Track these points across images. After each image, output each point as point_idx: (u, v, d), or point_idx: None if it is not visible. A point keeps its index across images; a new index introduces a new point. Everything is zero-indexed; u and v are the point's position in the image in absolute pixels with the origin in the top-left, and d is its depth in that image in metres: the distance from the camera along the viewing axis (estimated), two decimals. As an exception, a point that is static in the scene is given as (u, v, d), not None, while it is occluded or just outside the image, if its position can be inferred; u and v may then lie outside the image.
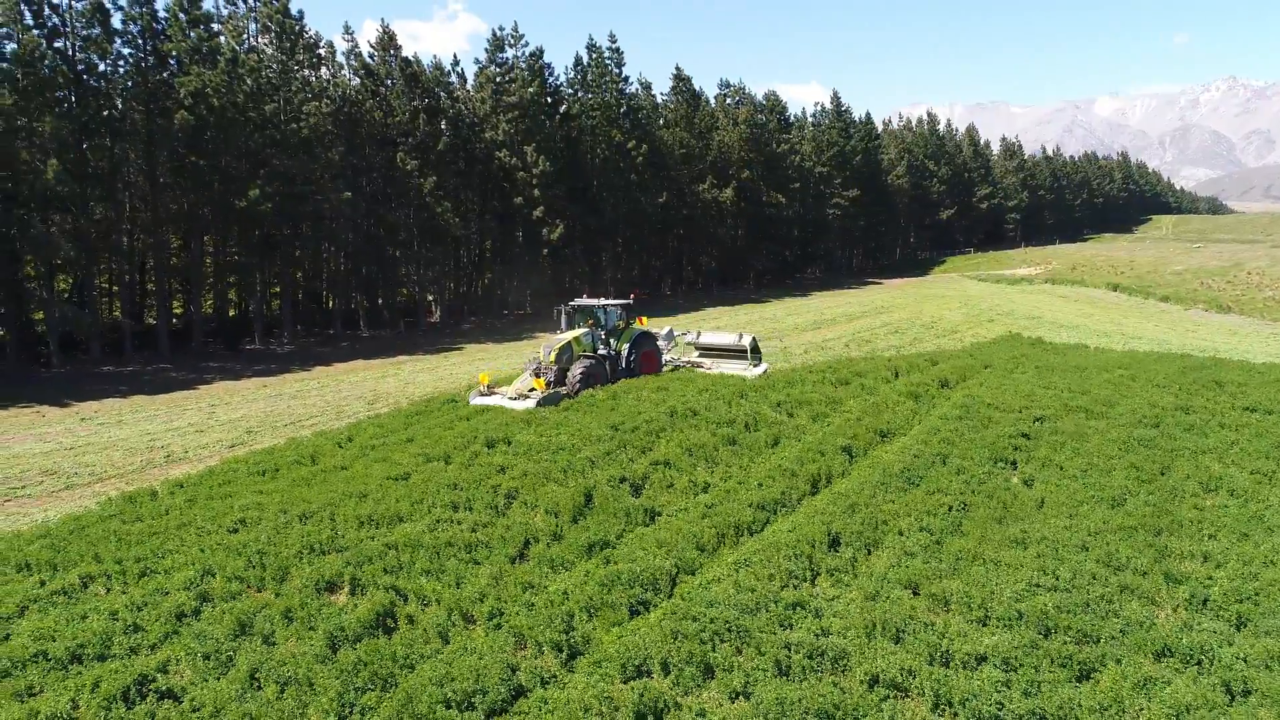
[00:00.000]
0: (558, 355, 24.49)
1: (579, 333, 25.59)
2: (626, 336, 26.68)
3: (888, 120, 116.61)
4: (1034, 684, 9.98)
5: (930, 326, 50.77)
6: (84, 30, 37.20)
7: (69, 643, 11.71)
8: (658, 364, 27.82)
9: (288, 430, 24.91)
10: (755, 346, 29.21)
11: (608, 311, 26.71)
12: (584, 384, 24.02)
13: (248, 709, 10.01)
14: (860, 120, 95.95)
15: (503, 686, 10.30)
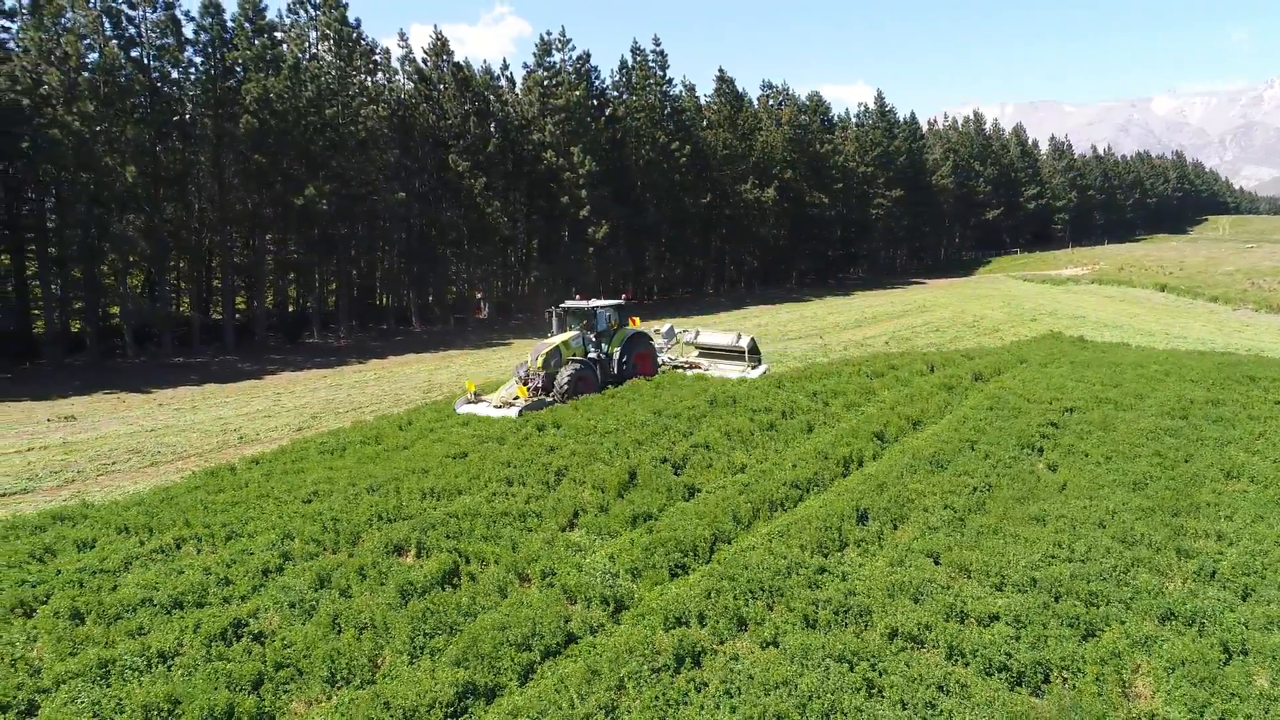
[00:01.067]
0: (545, 361, 23.79)
1: (568, 336, 24.85)
2: (619, 338, 25.79)
3: (933, 120, 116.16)
4: (1041, 638, 10.90)
5: (972, 325, 50.99)
6: (158, 40, 39.50)
7: (170, 592, 13.17)
8: (653, 365, 26.92)
9: (350, 415, 26.47)
10: (754, 348, 28.24)
11: (597, 313, 25.72)
12: (572, 390, 23.28)
13: (331, 648, 11.29)
14: (904, 120, 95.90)
15: (556, 633, 11.50)
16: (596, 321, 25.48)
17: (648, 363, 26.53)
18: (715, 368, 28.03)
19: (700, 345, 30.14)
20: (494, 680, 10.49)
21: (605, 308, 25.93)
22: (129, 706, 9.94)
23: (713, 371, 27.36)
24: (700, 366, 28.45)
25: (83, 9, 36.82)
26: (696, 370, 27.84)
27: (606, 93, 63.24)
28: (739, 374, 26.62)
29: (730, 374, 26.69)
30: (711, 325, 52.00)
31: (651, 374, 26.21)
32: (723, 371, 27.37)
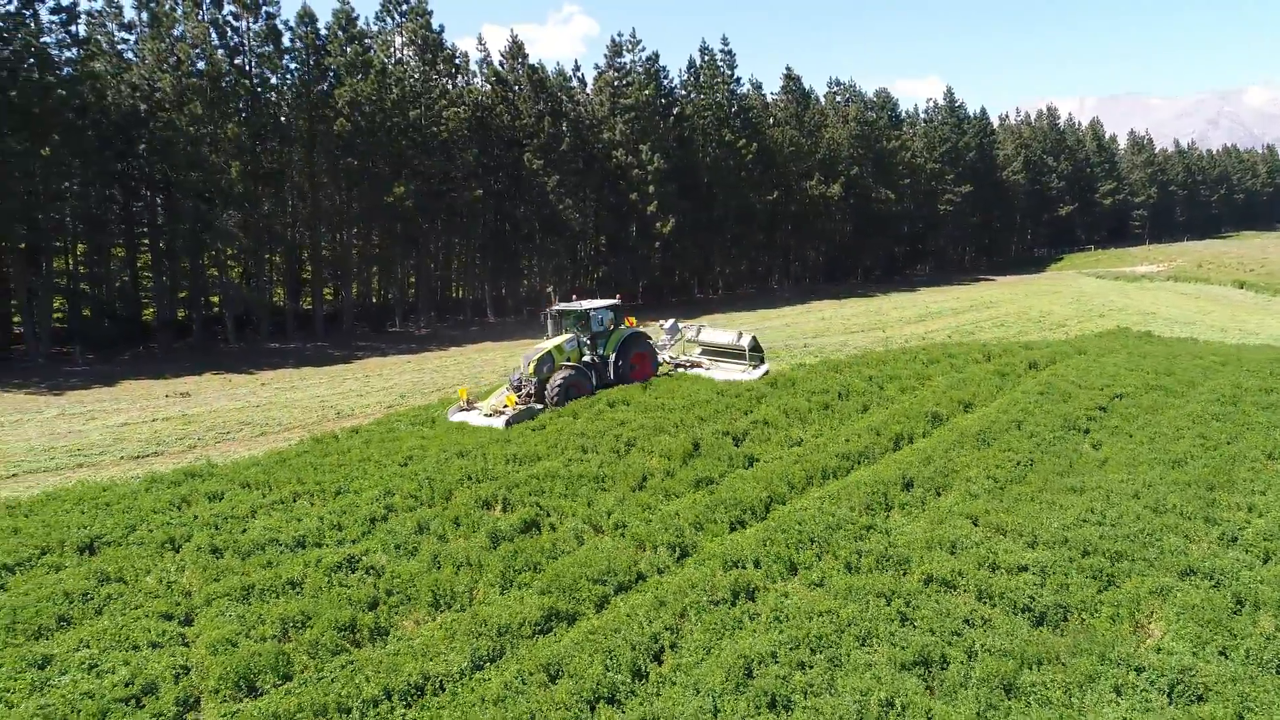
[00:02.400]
0: (536, 367, 23.18)
1: (561, 340, 24.19)
2: (614, 340, 24.95)
3: (1004, 115, 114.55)
4: (1064, 586, 12.09)
5: (1038, 321, 50.96)
6: (259, 48, 42.49)
7: (292, 534, 15.22)
8: (652, 366, 25.97)
9: (435, 395, 28.56)
10: (755, 346, 26.58)
11: (590, 315, 24.77)
12: (563, 397, 22.71)
13: (433, 580, 13.11)
14: (974, 116, 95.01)
15: (628, 572, 13.14)
16: (590, 324, 24.67)
17: (646, 363, 25.68)
18: (717, 368, 26.76)
19: (701, 343, 28.79)
20: (574, 608, 12.16)
21: (599, 309, 24.96)
22: (268, 619, 11.87)
23: (713, 372, 26.06)
24: (701, 366, 27.24)
25: (193, 21, 39.99)
26: (695, 371, 26.77)
27: (675, 92, 64.76)
28: (739, 375, 25.44)
29: (730, 375, 25.50)
30: (774, 319, 53.09)
31: (651, 375, 25.55)
32: (723, 372, 26.08)
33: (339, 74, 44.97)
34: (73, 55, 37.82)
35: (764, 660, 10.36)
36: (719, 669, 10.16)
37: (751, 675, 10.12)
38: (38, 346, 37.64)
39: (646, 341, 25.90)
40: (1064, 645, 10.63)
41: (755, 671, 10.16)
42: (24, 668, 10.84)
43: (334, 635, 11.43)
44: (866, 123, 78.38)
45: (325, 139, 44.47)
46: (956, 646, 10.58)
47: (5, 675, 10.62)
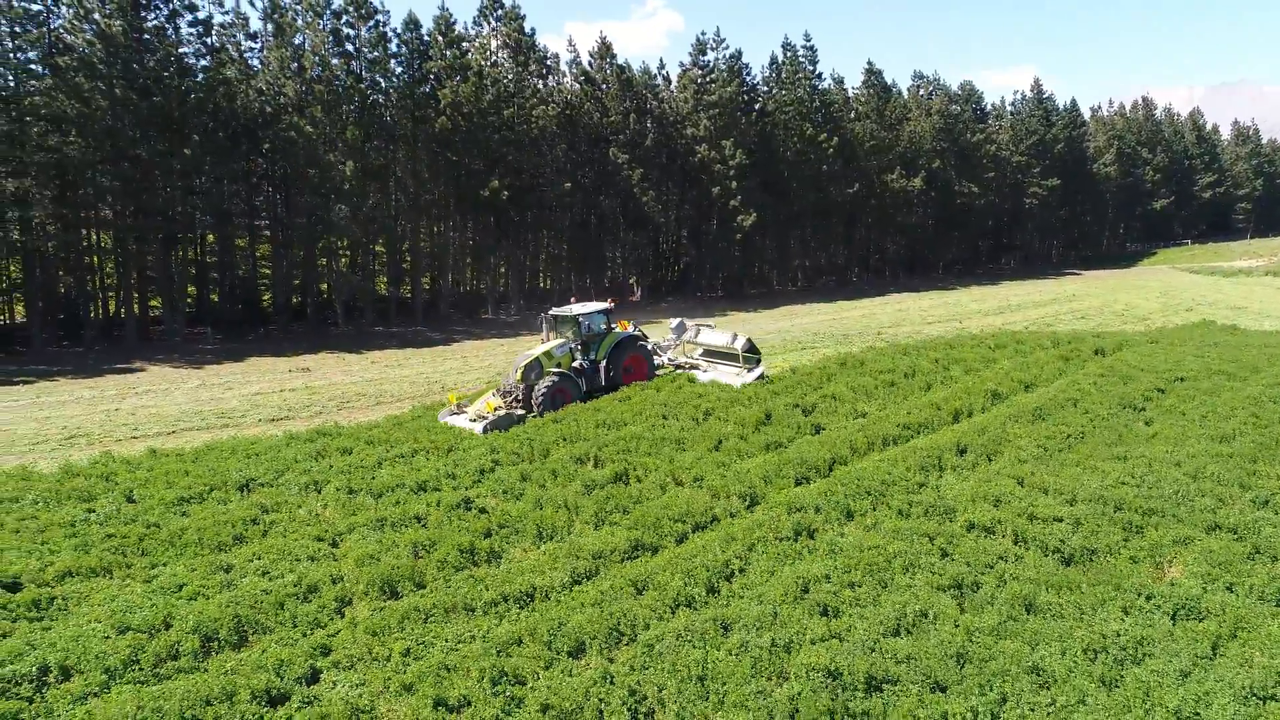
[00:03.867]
0: (524, 372, 22.74)
1: (551, 346, 23.74)
2: (606, 345, 24.50)
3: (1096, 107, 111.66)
4: (1093, 533, 13.55)
5: (1120, 314, 50.61)
6: (370, 54, 45.87)
7: (414, 481, 17.67)
8: (647, 370, 25.26)
9: (528, 373, 31.04)
10: (751, 348, 25.52)
11: (580, 321, 24.42)
12: (549, 403, 22.41)
13: (536, 517, 15.32)
14: (1064, 108, 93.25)
15: (704, 515, 15.12)
16: (579, 329, 24.34)
17: (642, 367, 25.05)
18: (714, 370, 25.91)
19: (700, 345, 27.83)
20: (657, 541, 14.22)
21: (589, 314, 24.52)
22: (400, 544, 14.25)
23: (711, 375, 25.31)
24: (699, 368, 26.43)
25: (314, 29, 43.60)
26: (693, 373, 25.97)
27: (757, 88, 66.12)
28: (733, 378, 24.72)
29: (724, 377, 24.79)
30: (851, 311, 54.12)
31: (647, 378, 24.98)
32: (718, 374, 25.24)
33: (440, 76, 48.06)
34: (207, 64, 41.77)
35: (819, 581, 12.22)
36: (779, 586, 12.07)
37: (807, 591, 11.99)
38: (176, 327, 41.82)
39: (641, 345, 25.27)
40: (1084, 578, 12.17)
41: (811, 588, 12.03)
42: (213, 572, 13.45)
43: (456, 556, 13.73)
44: (950, 116, 78.12)
45: (426, 137, 47.63)
46: (988, 576, 12.23)
47: (199, 577, 13.21)
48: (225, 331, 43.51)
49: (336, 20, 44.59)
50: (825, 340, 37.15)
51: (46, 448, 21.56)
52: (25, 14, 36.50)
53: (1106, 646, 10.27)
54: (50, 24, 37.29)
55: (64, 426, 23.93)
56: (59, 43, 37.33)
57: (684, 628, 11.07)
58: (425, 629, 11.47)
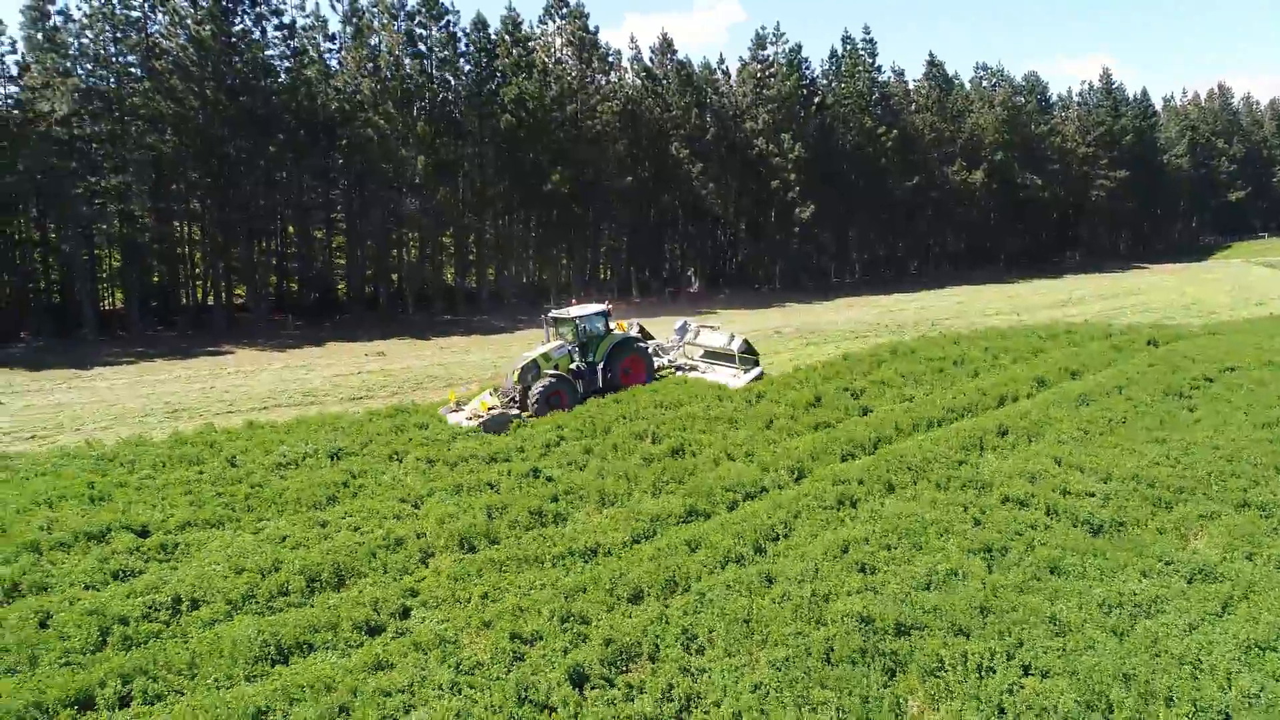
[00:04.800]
0: (521, 374, 22.85)
1: (549, 348, 23.76)
2: (603, 347, 24.27)
3: (1169, 96, 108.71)
4: (1122, 507, 14.34)
5: (1186, 308, 49.85)
6: (440, 53, 47.85)
7: (486, 453, 19.16)
8: (646, 372, 24.99)
9: (590, 359, 32.50)
10: (748, 350, 25.16)
11: (578, 324, 24.27)
12: (543, 406, 22.28)
13: (598, 486, 16.64)
14: (1133, 97, 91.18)
15: (754, 486, 16.28)
16: (577, 331, 24.25)
17: (640, 369, 24.78)
18: (711, 371, 25.55)
19: (699, 346, 27.38)
20: (710, 508, 15.43)
21: (587, 316, 24.40)
22: (475, 506, 15.68)
23: (708, 376, 25.10)
24: (697, 369, 26.15)
25: (389, 31, 45.75)
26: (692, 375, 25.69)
27: (816, 81, 66.50)
28: (730, 379, 24.47)
29: (721, 379, 24.52)
30: (909, 303, 54.37)
31: (645, 381, 24.71)
32: (717, 375, 24.97)
33: (506, 74, 49.81)
34: (289, 65, 44.14)
35: (858, 543, 13.29)
36: (821, 547, 13.19)
37: (846, 551, 13.08)
38: (259, 313, 44.42)
39: (639, 347, 25.06)
40: (1109, 546, 13.01)
41: (850, 549, 13.11)
42: (311, 526, 15.06)
43: (526, 517, 15.14)
44: (1014, 107, 77.25)
45: (493, 133, 49.44)
46: (1017, 542, 13.15)
47: (299, 531, 14.81)
48: (304, 318, 45.98)
49: (410, 22, 46.71)
50: (879, 331, 37.76)
51: (154, 420, 23.69)
52: (126, 20, 39.19)
53: (1122, 603, 11.16)
54: (148, 30, 39.93)
55: (167, 401, 26.13)
56: (155, 47, 39.96)
57: (732, 580, 12.27)
58: (500, 577, 12.85)
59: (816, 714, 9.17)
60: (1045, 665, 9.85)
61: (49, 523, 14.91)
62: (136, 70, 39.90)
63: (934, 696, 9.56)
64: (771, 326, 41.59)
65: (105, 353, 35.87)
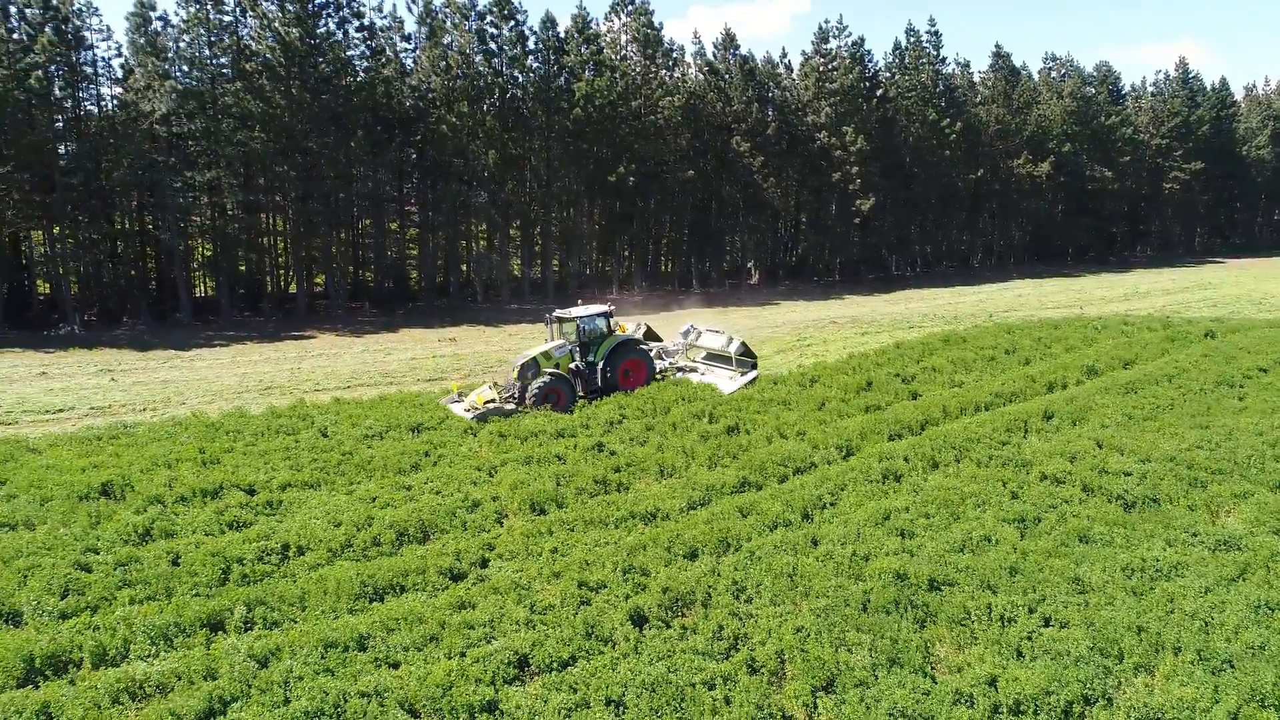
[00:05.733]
0: (520, 371, 23.29)
1: (550, 346, 24.06)
2: (604, 348, 24.34)
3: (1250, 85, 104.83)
4: (1157, 486, 15.04)
5: (1257, 304, 48.88)
6: (510, 51, 49.62)
7: (554, 428, 20.55)
8: (646, 374, 24.88)
9: (650, 346, 33.79)
10: (746, 352, 25.12)
11: (579, 324, 24.41)
12: (539, 403, 22.59)
13: (658, 459, 17.89)
14: (1212, 87, 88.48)
15: (803, 461, 17.35)
16: (580, 331, 24.39)
17: (641, 370, 24.78)
18: (711, 373, 25.54)
19: (700, 348, 27.24)
20: (761, 480, 16.56)
21: (588, 316, 24.59)
22: (544, 475, 17.06)
23: (705, 378, 25.02)
24: (697, 371, 26.13)
25: (461, 31, 47.73)
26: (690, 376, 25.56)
27: (879, 74, 66.52)
28: (726, 381, 24.41)
29: (717, 381, 24.46)
30: (969, 295, 54.34)
31: (645, 383, 24.61)
32: (715, 377, 24.95)
33: (573, 70, 51.35)
34: (368, 65, 46.37)
35: (899, 512, 14.31)
36: (864, 514, 14.25)
37: (888, 519, 14.11)
38: (338, 301, 46.86)
39: (640, 349, 25.22)
40: (1140, 519, 13.78)
41: (891, 517, 14.14)
42: (397, 489, 16.60)
43: (591, 485, 16.48)
44: (1083, 98, 75.91)
45: (559, 128, 51.05)
46: (1051, 514, 14.02)
47: (387, 493, 16.38)
48: (379, 306, 48.29)
49: (481, 21, 48.55)
50: (935, 322, 38.20)
51: (250, 395, 25.73)
52: (219, 25, 41.76)
53: (1144, 568, 12.00)
54: (239, 33, 42.45)
55: (259, 380, 28.24)
56: (246, 50, 42.46)
57: (780, 541, 13.42)
58: (568, 536, 14.20)
59: (851, 653, 10.26)
60: (1064, 618, 10.79)
61: (169, 481, 16.75)
62: (228, 72, 42.43)
63: (959, 642, 10.58)
64: (827, 317, 42.31)
65: (200, 336, 38.50)
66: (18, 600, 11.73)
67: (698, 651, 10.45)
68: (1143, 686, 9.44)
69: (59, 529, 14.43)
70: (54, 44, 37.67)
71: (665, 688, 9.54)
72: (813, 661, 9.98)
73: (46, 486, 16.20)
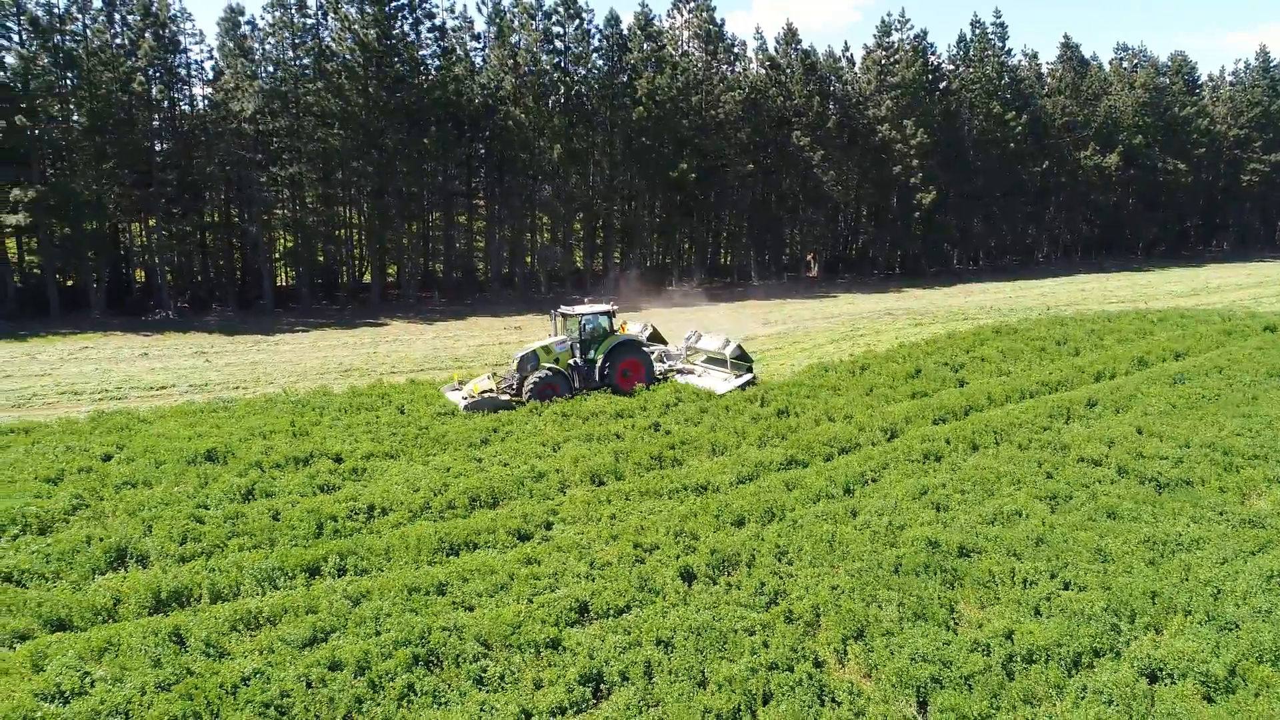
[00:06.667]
0: (520, 364, 23.76)
1: (550, 341, 24.50)
2: (604, 346, 24.73)
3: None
4: (1191, 470, 15.62)
5: (1335, 298, 47.70)
6: (575, 49, 51.08)
7: (613, 411, 21.80)
8: (644, 374, 25.08)
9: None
10: (741, 355, 25.16)
11: (583, 321, 24.84)
12: (535, 395, 23.11)
13: (711, 438, 19.00)
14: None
15: (848, 442, 18.28)
16: (579, 329, 24.85)
17: (639, 371, 25.07)
18: (707, 375, 25.69)
19: (700, 351, 27.38)
20: (808, 458, 17.56)
21: (590, 314, 25.04)
22: (603, 451, 18.31)
23: (701, 381, 25.15)
24: (694, 373, 26.26)
25: (529, 30, 49.36)
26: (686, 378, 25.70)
27: (941, 67, 66.15)
28: (719, 383, 24.45)
29: (711, 383, 24.55)
30: (1030, 289, 53.98)
31: (642, 382, 24.84)
32: (709, 379, 25.06)
33: (636, 67, 52.56)
34: (439, 64, 48.31)
35: (936, 488, 15.20)
36: (902, 489, 15.17)
37: (925, 493, 15.01)
38: (409, 291, 49.02)
39: (640, 349, 25.56)
40: (1170, 499, 14.42)
41: (928, 492, 15.04)
42: (468, 461, 18.02)
43: (647, 460, 17.67)
44: (1156, 89, 74.12)
45: (622, 123, 52.35)
46: (1083, 493, 14.75)
47: (459, 463, 17.80)
48: (448, 296, 50.31)
49: (548, 20, 50.11)
50: (991, 315, 38.37)
51: (331, 376, 27.61)
52: (303, 28, 44.06)
53: (1166, 541, 12.71)
54: (320, 35, 44.70)
55: (339, 363, 30.16)
56: (326, 51, 44.68)
57: (821, 511, 14.45)
58: (625, 504, 15.42)
59: (881, 608, 11.27)
60: (1083, 582, 11.62)
61: (266, 449, 18.47)
62: (310, 72, 44.71)
63: (982, 601, 11.50)
64: (883, 309, 42.78)
65: (283, 322, 40.88)
66: (145, 546, 13.39)
67: (740, 604, 11.56)
68: (1150, 642, 10.26)
69: (174, 488, 16.19)
70: (154, 49, 40.31)
71: (709, 632, 10.68)
72: (845, 614, 11.01)
73: (159, 452, 18.03)
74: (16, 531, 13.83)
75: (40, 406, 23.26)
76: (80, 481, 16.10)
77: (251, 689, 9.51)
